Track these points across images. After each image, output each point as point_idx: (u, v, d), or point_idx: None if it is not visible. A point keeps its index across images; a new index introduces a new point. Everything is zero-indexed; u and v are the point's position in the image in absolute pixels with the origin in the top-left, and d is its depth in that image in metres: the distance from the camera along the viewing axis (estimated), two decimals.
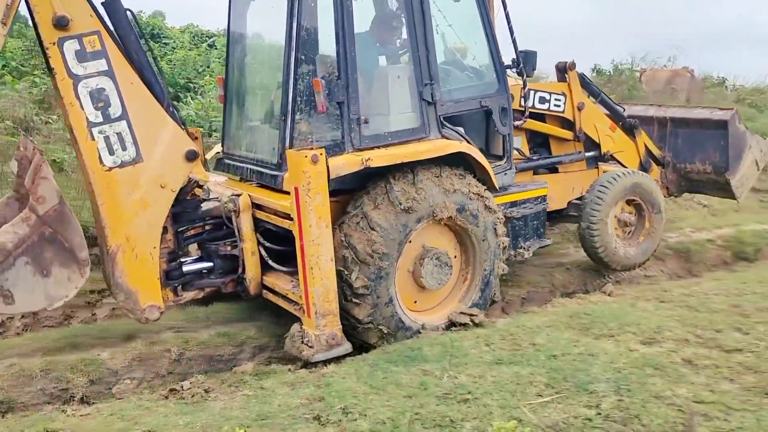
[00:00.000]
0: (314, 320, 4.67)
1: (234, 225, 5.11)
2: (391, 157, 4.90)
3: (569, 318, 4.95)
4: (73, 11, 4.31)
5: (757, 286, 5.67)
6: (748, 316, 4.86)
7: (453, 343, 4.50)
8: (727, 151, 7.13)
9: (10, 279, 4.13)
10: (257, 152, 5.50)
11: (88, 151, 4.49)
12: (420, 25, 5.17)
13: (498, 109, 5.72)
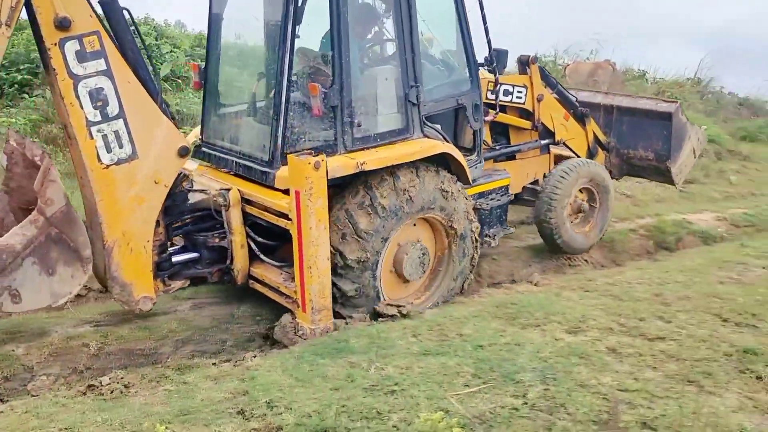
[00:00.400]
0: (310, 315, 4.89)
1: (224, 218, 5.24)
2: (384, 161, 5.12)
3: (496, 308, 4.92)
4: (73, 12, 4.33)
5: (678, 275, 5.75)
6: (670, 305, 4.92)
7: (380, 334, 4.44)
8: (670, 140, 7.61)
9: (18, 279, 4.23)
10: (244, 146, 5.59)
11: (87, 149, 4.54)
12: (407, 30, 5.33)
13: (471, 105, 5.99)
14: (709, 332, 4.35)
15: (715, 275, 5.75)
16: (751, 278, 5.68)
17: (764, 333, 4.35)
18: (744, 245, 7.11)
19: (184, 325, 5.23)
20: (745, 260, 6.26)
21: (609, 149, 8.07)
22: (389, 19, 5.58)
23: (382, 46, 6.01)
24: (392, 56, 5.66)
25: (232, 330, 5.27)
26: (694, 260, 6.44)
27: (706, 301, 4.98)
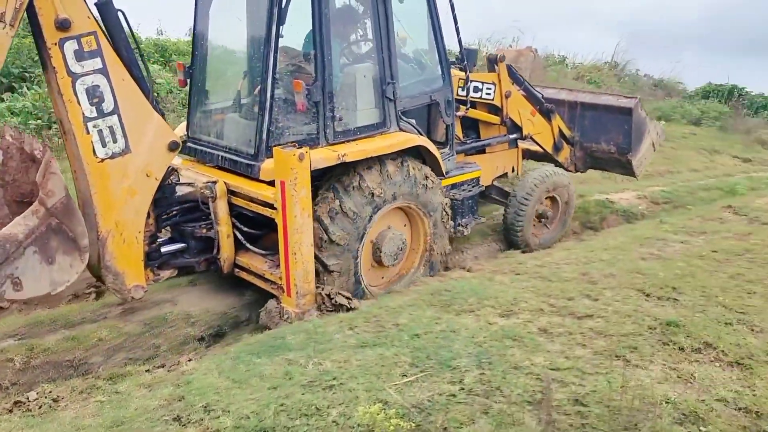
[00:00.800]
0: (294, 299, 5.18)
1: (210, 209, 5.48)
2: (362, 153, 5.44)
3: (431, 296, 4.94)
4: (72, 13, 4.54)
5: (603, 253, 5.95)
6: (596, 283, 5.06)
7: (317, 329, 4.41)
8: (630, 134, 8.02)
9: (20, 267, 4.38)
10: (230, 141, 5.85)
11: (84, 143, 4.76)
12: (384, 30, 5.65)
13: (444, 101, 6.35)
14: (633, 307, 4.52)
15: (637, 252, 5.99)
16: (670, 253, 5.95)
17: (684, 305, 4.56)
18: (663, 222, 7.50)
19: (115, 332, 5.05)
20: (665, 236, 6.60)
21: (573, 143, 8.43)
22: (367, 20, 5.95)
23: (360, 45, 6.34)
24: (370, 55, 5.98)
25: (166, 334, 5.12)
26: (617, 238, 6.66)
27: (629, 277, 5.18)
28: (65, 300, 5.85)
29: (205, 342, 5.11)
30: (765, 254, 5.79)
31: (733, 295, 4.77)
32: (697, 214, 8.07)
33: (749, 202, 8.62)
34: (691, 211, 8.81)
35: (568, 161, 8.45)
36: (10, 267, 4.32)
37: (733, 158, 15.04)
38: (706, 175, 12.47)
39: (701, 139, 15.44)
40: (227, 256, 5.61)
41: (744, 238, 6.43)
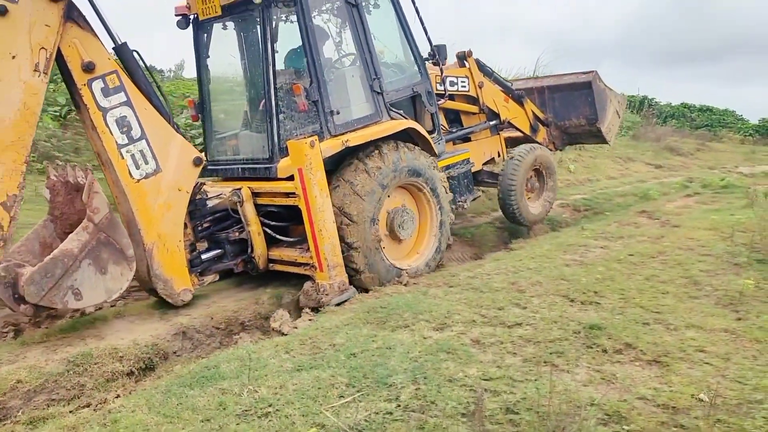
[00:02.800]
0: (327, 272, 5.63)
1: (240, 213, 6.02)
2: (362, 137, 6.00)
3: (367, 313, 4.86)
4: (95, 57, 5.13)
5: (530, 262, 5.97)
6: (524, 291, 5.07)
7: (251, 355, 4.21)
8: (595, 105, 8.78)
9: (78, 279, 4.85)
10: (246, 153, 6.46)
11: (120, 168, 5.28)
12: (362, 34, 6.29)
13: (425, 92, 6.98)
14: (559, 313, 4.53)
15: (561, 258, 6.06)
16: (591, 258, 6.04)
17: (605, 308, 4.61)
18: (584, 228, 7.62)
19: (35, 372, 4.53)
20: (586, 242, 6.71)
21: (548, 124, 9.13)
22: (346, 29, 6.61)
23: (344, 51, 6.96)
24: (354, 58, 6.55)
25: (91, 371, 4.70)
26: (543, 246, 6.71)
27: (555, 284, 5.21)
28: None
29: (134, 377, 4.85)
30: (676, 255, 5.95)
31: (649, 296, 4.86)
32: (615, 219, 8.29)
33: (661, 206, 8.93)
34: (609, 217, 9.04)
35: (546, 141, 9.13)
36: (69, 279, 4.79)
37: (646, 165, 15.56)
38: (622, 182, 12.86)
39: (616, 148, 15.62)
40: (261, 253, 6.13)
41: (657, 241, 6.58)
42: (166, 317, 5.52)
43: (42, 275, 4.65)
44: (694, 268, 5.57)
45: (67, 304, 4.80)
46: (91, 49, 5.10)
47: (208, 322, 5.44)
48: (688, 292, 5.03)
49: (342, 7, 6.33)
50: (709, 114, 25.69)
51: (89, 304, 5.01)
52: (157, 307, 5.70)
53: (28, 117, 4.78)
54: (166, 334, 5.23)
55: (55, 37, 4.85)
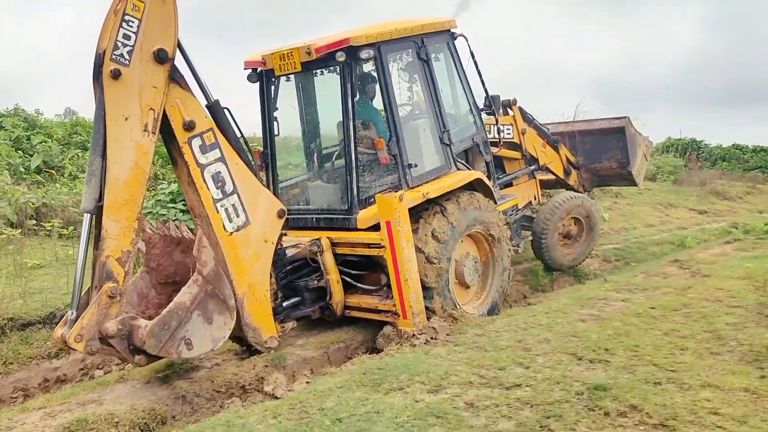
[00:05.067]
0: (411, 319, 5.75)
1: (320, 262, 6.11)
2: (440, 189, 6.22)
3: (363, 375, 4.64)
4: (194, 115, 5.21)
5: (544, 317, 5.70)
6: (530, 350, 4.80)
7: (238, 421, 4.08)
8: (627, 149, 8.96)
9: (189, 330, 4.92)
10: (321, 204, 6.60)
11: (216, 222, 5.35)
12: (432, 88, 6.50)
13: (482, 142, 7.20)
14: (563, 373, 4.26)
15: (577, 313, 5.73)
16: (609, 312, 5.70)
17: (614, 367, 4.33)
18: (606, 280, 7.29)
19: None
20: (607, 295, 6.32)
21: (579, 167, 9.30)
22: (417, 84, 6.77)
23: (415, 105, 7.13)
24: (425, 112, 6.74)
25: None
26: (560, 300, 6.39)
27: (564, 341, 4.92)
28: None
29: None
30: (701, 308, 5.55)
31: (665, 352, 4.54)
32: (643, 270, 7.90)
33: (695, 255, 8.49)
34: (638, 268, 8.71)
35: (577, 183, 9.33)
36: (182, 330, 4.87)
37: (689, 211, 14.69)
38: (660, 230, 12.27)
39: (657, 194, 15.33)
40: (339, 300, 6.22)
41: (683, 292, 6.18)
42: (168, 381, 5.41)
43: (160, 327, 4.76)
44: (719, 322, 5.20)
45: (180, 354, 4.91)
46: (191, 108, 5.22)
47: (209, 386, 5.33)
48: (709, 347, 4.69)
49: (414, 62, 6.56)
50: (764, 155, 23.30)
51: (198, 353, 5.09)
52: (162, 370, 5.62)
53: (140, 176, 4.90)
54: (166, 398, 5.10)
55: (162, 98, 4.99)
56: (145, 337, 4.72)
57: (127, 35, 4.78)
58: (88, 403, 5.01)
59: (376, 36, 6.04)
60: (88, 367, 6.16)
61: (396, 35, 6.27)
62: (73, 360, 6.15)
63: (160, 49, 4.90)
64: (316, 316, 6.34)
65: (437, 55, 7.02)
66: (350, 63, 6.03)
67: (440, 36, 6.90)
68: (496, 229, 6.68)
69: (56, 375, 6.06)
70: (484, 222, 6.56)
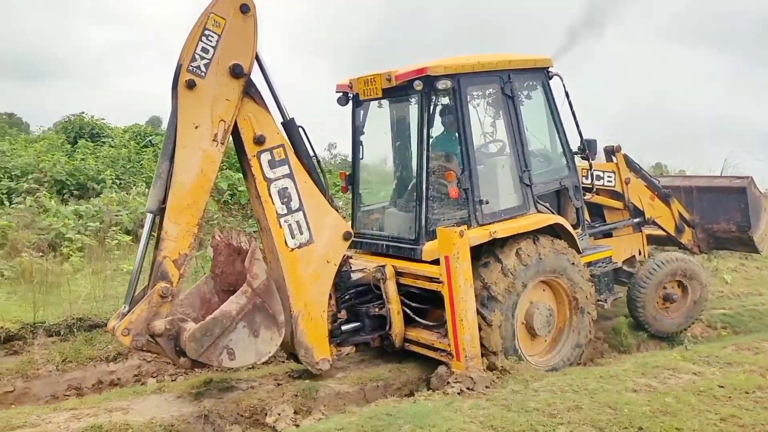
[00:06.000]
0: (464, 362, 5.46)
1: (382, 290, 5.94)
2: (510, 230, 5.88)
3: (368, 419, 4.33)
4: (266, 130, 5.27)
5: (594, 381, 5.13)
6: (555, 416, 4.34)
7: None
8: (748, 212, 8.11)
9: (233, 339, 4.90)
10: (392, 231, 6.47)
11: (278, 236, 5.36)
12: (516, 125, 6.20)
13: (572, 186, 6.75)
14: None
15: (633, 382, 5.09)
16: (670, 386, 5.03)
17: None
18: (687, 348, 6.33)
19: None
20: (678, 365, 5.54)
21: (694, 225, 8.51)
22: (499, 120, 6.47)
23: (497, 141, 6.85)
24: (504, 149, 6.50)
25: None
26: (624, 365, 5.70)
27: (596, 412, 4.40)
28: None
29: None
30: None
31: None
32: (735, 341, 6.89)
33: None
34: (732, 338, 7.73)
35: (691, 243, 8.53)
36: (225, 339, 4.87)
37: None
38: None
39: None
40: (398, 331, 6.01)
41: (767, 372, 5.30)
42: (199, 398, 5.32)
43: (203, 333, 4.78)
44: None
45: (221, 363, 4.90)
46: (263, 123, 5.28)
47: (234, 408, 5.20)
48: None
49: (498, 97, 6.33)
50: None
51: (241, 365, 5.07)
52: (197, 386, 5.55)
53: (204, 183, 5.00)
54: (189, 415, 5.00)
55: (234, 111, 5.08)
56: (186, 341, 4.76)
57: (206, 49, 4.95)
58: (116, 410, 5.00)
59: (455, 68, 5.90)
60: (142, 374, 6.27)
61: (478, 68, 6.08)
62: (129, 366, 6.30)
63: (236, 64, 5.03)
64: (376, 345, 6.18)
65: (530, 93, 6.75)
66: (428, 92, 5.94)
67: (533, 74, 6.61)
68: (575, 279, 6.24)
69: (111, 378, 6.22)
70: (553, 269, 6.13)
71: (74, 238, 9.46)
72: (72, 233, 9.64)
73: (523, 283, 5.88)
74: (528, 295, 6.05)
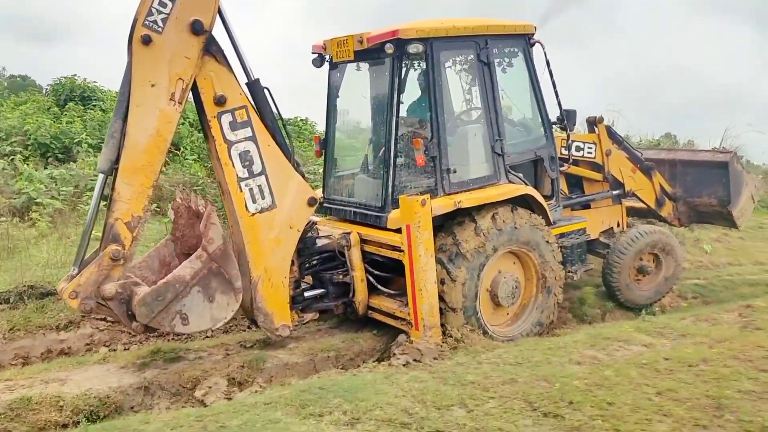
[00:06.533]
0: (422, 332, 5.39)
1: (346, 257, 5.83)
2: (476, 200, 5.73)
3: (300, 393, 4.12)
4: (227, 91, 5.09)
5: (541, 353, 4.92)
6: (488, 390, 4.18)
7: (139, 426, 3.71)
8: (729, 187, 7.97)
9: (186, 305, 4.81)
10: (360, 198, 6.31)
11: (237, 200, 5.22)
12: (490, 96, 6.00)
13: (548, 157, 6.55)
14: (501, 424, 3.64)
15: (579, 353, 4.89)
16: (616, 358, 4.85)
17: (564, 426, 3.63)
18: (644, 320, 6.26)
19: None
20: (631, 337, 5.36)
21: (676, 199, 8.41)
22: (475, 88, 6.29)
23: (470, 109, 6.68)
24: (479, 117, 6.27)
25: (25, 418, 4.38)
26: (576, 336, 5.52)
27: (531, 385, 4.20)
28: None
29: (67, 429, 4.41)
30: (721, 367, 4.53)
31: (640, 417, 3.73)
32: (696, 312, 6.69)
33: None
34: (686, 310, 7.59)
35: (671, 216, 8.45)
36: (178, 304, 4.78)
37: None
38: None
39: None
40: (361, 299, 5.93)
41: (716, 344, 5.09)
42: (143, 368, 5.17)
43: (153, 298, 4.69)
44: (732, 387, 4.20)
45: (174, 328, 4.82)
46: (224, 83, 5.09)
47: (176, 379, 5.03)
48: (698, 418, 3.78)
49: (474, 64, 6.10)
50: None
51: (194, 330, 5.00)
52: (144, 356, 5.38)
53: (160, 143, 4.83)
54: (129, 387, 4.84)
55: (193, 70, 4.89)
56: (136, 305, 4.66)
57: (164, 2, 4.72)
58: (53, 381, 4.80)
59: (428, 31, 5.65)
60: (94, 342, 6.04)
61: (453, 33, 5.83)
62: (82, 334, 6.07)
63: (196, 20, 4.80)
64: (339, 312, 6.10)
65: (511, 60, 6.52)
66: (399, 56, 5.70)
67: (513, 40, 6.36)
68: (541, 248, 6.13)
69: (60, 347, 5.96)
70: (527, 241, 6.02)
71: (45, 203, 9.25)
72: (45, 198, 9.42)
73: (494, 246, 5.79)
74: (497, 263, 5.96)
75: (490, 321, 6.00)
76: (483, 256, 5.74)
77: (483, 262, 5.75)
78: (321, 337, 6.12)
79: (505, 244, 5.90)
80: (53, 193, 9.76)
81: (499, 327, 6.10)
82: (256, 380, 5.10)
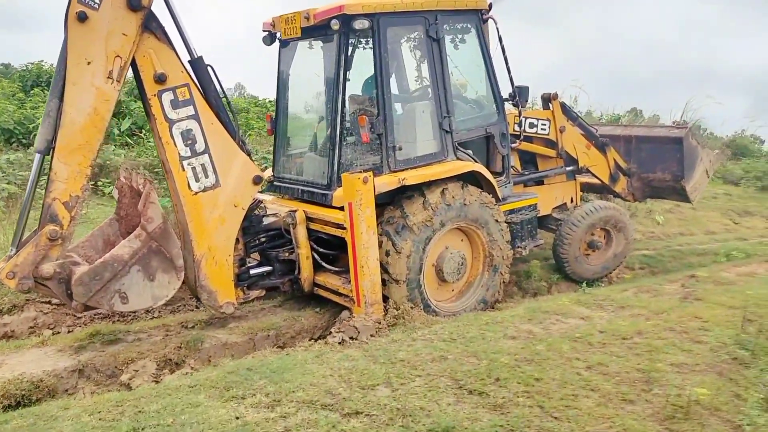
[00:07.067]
0: (364, 308, 5.41)
1: (292, 235, 5.80)
2: (421, 177, 5.69)
3: (227, 374, 3.99)
4: (168, 68, 4.96)
5: (476, 328, 4.80)
6: (417, 368, 4.05)
7: (57, 412, 3.56)
8: (683, 162, 7.96)
9: (126, 283, 4.76)
10: (308, 176, 6.25)
11: (180, 179, 5.13)
12: (439, 72, 5.92)
13: (498, 134, 6.51)
14: (424, 403, 3.52)
15: (515, 328, 4.77)
16: (551, 331, 4.74)
17: (488, 404, 3.53)
18: (585, 292, 6.25)
19: None
20: (569, 310, 5.29)
21: (630, 174, 8.39)
22: (425, 64, 6.20)
23: (418, 85, 6.63)
24: (427, 93, 6.22)
25: None
26: (515, 310, 5.41)
27: (460, 362, 4.07)
28: None
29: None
30: (655, 339, 4.47)
31: (566, 392, 3.64)
32: (639, 284, 6.71)
33: (718, 272, 7.19)
34: (628, 281, 7.64)
35: (625, 191, 8.43)
36: (117, 283, 4.72)
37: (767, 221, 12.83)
38: (716, 239, 10.47)
39: (735, 199, 13.33)
40: (307, 276, 5.92)
41: (654, 316, 5.04)
42: (81, 351, 5.04)
43: (91, 277, 4.62)
44: (664, 360, 4.16)
45: (113, 307, 4.77)
46: (165, 60, 4.95)
47: (112, 362, 4.94)
48: (626, 393, 3.73)
49: (423, 40, 6.01)
50: None
51: (134, 308, 4.93)
52: (83, 339, 5.28)
53: (98, 122, 4.70)
54: (64, 370, 4.71)
55: (131, 47, 4.75)
56: (74, 285, 4.62)
57: None
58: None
59: (374, 6, 5.55)
60: (38, 326, 5.87)
61: (401, 8, 5.73)
62: (25, 318, 5.91)
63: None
64: (285, 289, 6.08)
65: (463, 36, 6.42)
66: (345, 32, 5.61)
67: (465, 15, 6.26)
68: (490, 226, 6.14)
69: (4, 331, 5.77)
70: (476, 218, 6.02)
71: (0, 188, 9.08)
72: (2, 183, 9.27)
73: (441, 221, 5.78)
74: (444, 238, 5.96)
75: (434, 296, 6.02)
76: (430, 230, 5.74)
77: (429, 236, 5.75)
78: (264, 316, 6.10)
79: (453, 220, 5.89)
80: (10, 178, 9.61)
81: (443, 302, 6.13)
82: (187, 362, 5.07)
